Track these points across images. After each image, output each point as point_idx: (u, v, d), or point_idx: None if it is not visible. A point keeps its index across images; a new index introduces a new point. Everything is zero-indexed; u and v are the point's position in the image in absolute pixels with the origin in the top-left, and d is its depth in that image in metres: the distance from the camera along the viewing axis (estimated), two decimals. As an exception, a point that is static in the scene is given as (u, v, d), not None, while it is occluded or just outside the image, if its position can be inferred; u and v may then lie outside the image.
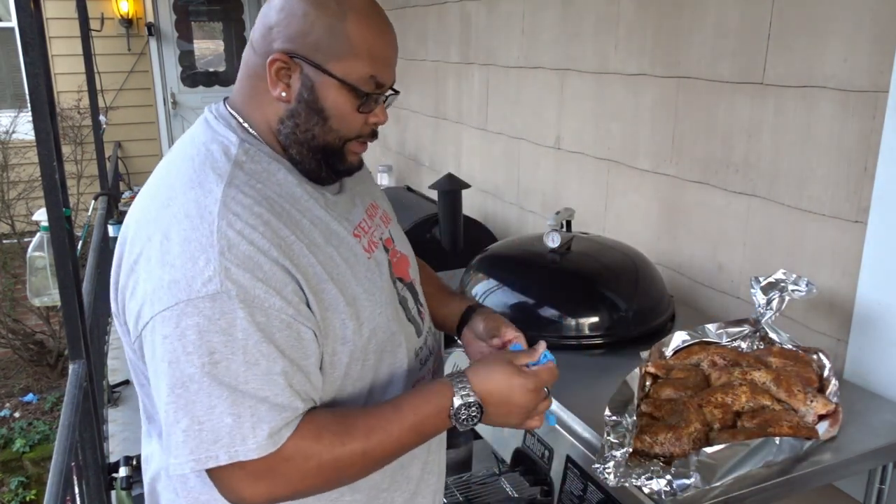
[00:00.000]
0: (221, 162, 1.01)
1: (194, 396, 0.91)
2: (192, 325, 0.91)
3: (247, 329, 0.92)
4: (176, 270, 0.92)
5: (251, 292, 0.92)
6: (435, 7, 3.64)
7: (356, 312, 1.04)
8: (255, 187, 1.00)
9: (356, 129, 1.06)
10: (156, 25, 7.21)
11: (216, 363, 0.91)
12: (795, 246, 1.79)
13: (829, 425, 1.32)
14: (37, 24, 1.89)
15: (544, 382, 1.06)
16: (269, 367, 0.93)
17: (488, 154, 3.28)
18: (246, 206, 0.96)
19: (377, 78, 1.03)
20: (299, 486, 0.98)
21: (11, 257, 6.21)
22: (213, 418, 0.91)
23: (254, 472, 0.94)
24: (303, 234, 1.01)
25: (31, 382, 5.85)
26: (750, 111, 1.87)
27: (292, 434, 0.95)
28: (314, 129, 1.04)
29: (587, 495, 1.36)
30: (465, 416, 1.02)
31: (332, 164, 1.07)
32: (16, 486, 4.76)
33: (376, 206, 1.23)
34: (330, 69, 1.01)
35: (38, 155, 1.87)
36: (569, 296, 1.80)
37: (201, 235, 0.93)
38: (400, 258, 1.21)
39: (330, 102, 1.02)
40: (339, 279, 1.02)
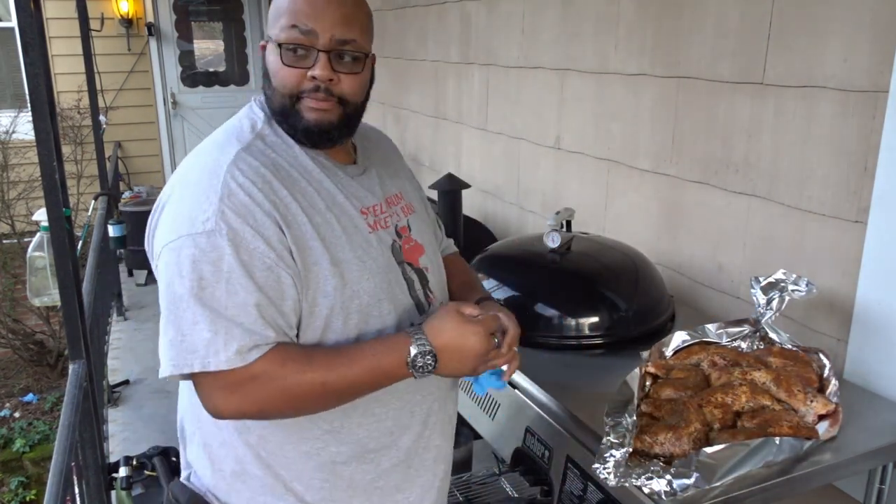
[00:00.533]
0: (246, 132, 1.19)
1: (182, 313, 1.08)
2: (188, 255, 1.07)
3: (231, 264, 1.07)
4: (185, 210, 1.10)
5: (240, 234, 1.08)
6: (435, 7, 3.64)
7: (341, 272, 1.15)
8: (268, 155, 1.16)
9: (293, 83, 1.16)
10: (156, 25, 7.20)
11: (203, 288, 1.07)
12: (795, 246, 1.79)
13: (829, 425, 1.32)
14: (37, 24, 1.89)
15: (490, 328, 1.16)
16: (246, 299, 1.08)
17: (488, 154, 3.28)
18: (252, 167, 1.13)
19: (300, 26, 1.13)
20: (264, 406, 1.11)
21: (11, 257, 6.21)
22: (195, 333, 1.07)
23: (226, 385, 1.08)
24: (304, 197, 1.15)
25: (31, 382, 5.85)
26: (750, 111, 1.87)
27: (261, 358, 1.09)
28: (268, 92, 1.19)
29: (587, 495, 1.36)
30: (420, 364, 1.13)
31: (293, 124, 1.18)
32: (16, 486, 4.76)
33: (400, 196, 1.35)
34: (269, 35, 1.17)
35: (38, 155, 1.87)
36: (569, 296, 1.80)
37: (210, 184, 1.11)
38: (413, 246, 1.31)
39: (269, 63, 1.18)
40: (330, 241, 1.15)
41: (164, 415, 3.55)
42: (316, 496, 1.22)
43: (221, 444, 1.23)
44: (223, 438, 1.22)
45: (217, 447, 1.24)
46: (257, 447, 1.20)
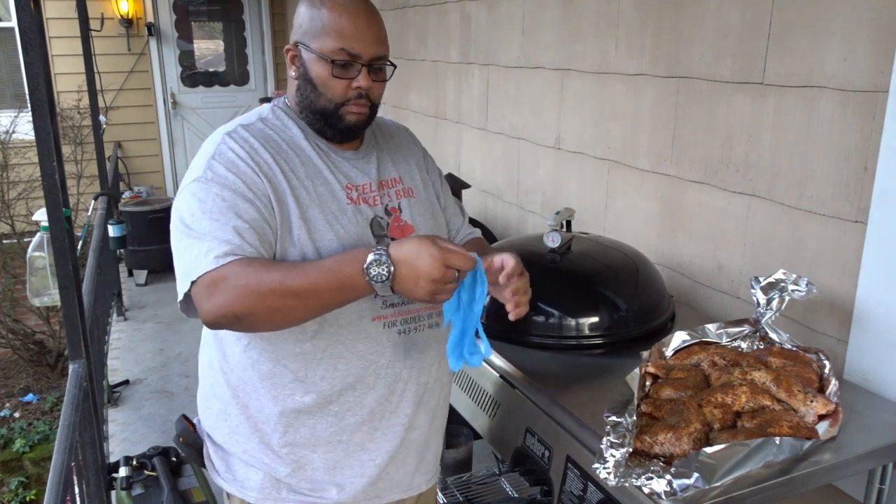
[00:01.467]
0: (253, 117, 1.39)
1: (179, 243, 1.26)
2: (187, 197, 1.27)
3: (215, 199, 1.25)
4: (189, 173, 1.31)
5: (223, 177, 1.27)
6: (435, 7, 3.64)
7: (308, 228, 1.30)
8: (263, 131, 1.35)
9: (340, 93, 1.33)
10: (156, 25, 7.20)
11: (193, 219, 1.25)
12: (795, 246, 1.79)
13: (829, 425, 1.32)
14: (37, 24, 1.89)
15: (450, 260, 1.15)
16: (225, 222, 1.24)
17: (488, 154, 3.28)
18: (244, 138, 1.32)
19: (347, 49, 1.30)
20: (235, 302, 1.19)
21: (11, 257, 6.21)
22: (190, 253, 1.23)
23: (205, 287, 1.21)
24: (287, 164, 1.32)
25: (31, 382, 5.85)
26: (750, 111, 1.87)
27: (230, 263, 1.21)
28: (310, 96, 1.35)
29: (587, 495, 1.36)
30: (375, 273, 1.15)
31: (332, 124, 1.36)
32: (16, 486, 4.76)
33: (399, 180, 1.46)
34: (312, 47, 1.33)
35: (38, 155, 1.87)
36: (569, 296, 1.80)
37: (209, 150, 1.31)
38: (402, 226, 1.42)
39: (315, 73, 1.33)
40: (303, 201, 1.30)
41: (164, 415, 3.55)
42: (280, 440, 1.35)
43: (212, 385, 1.42)
44: (213, 379, 1.41)
45: (209, 387, 1.43)
46: (237, 388, 1.37)
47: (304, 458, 1.36)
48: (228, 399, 1.39)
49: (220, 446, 1.42)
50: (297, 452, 1.36)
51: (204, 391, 1.47)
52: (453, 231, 1.61)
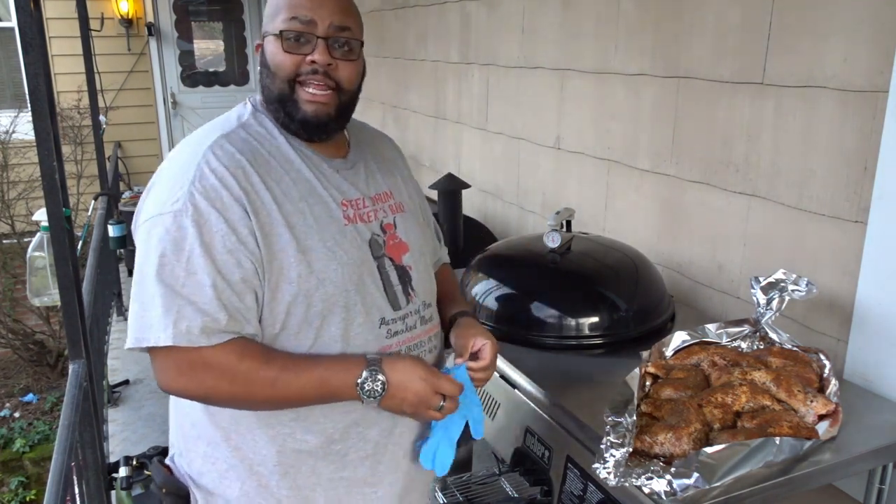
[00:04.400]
0: (231, 122, 1.24)
1: (145, 289, 1.12)
2: (157, 234, 1.12)
3: (192, 244, 1.11)
4: (160, 192, 1.15)
5: (205, 216, 1.11)
6: (435, 7, 3.64)
7: (308, 260, 1.18)
8: (247, 142, 1.20)
9: (291, 67, 1.20)
10: (156, 25, 7.20)
11: (164, 265, 1.11)
12: (795, 246, 1.79)
13: (829, 425, 1.32)
14: (37, 24, 1.89)
15: (442, 387, 1.20)
16: (203, 279, 1.11)
17: (488, 154, 3.28)
18: (228, 152, 1.17)
19: (299, 17, 1.19)
20: (210, 393, 1.15)
21: (11, 257, 6.21)
22: (152, 309, 1.11)
23: (178, 364, 1.12)
24: (278, 186, 1.18)
25: (31, 382, 5.85)
26: (750, 111, 1.87)
27: (217, 348, 1.11)
28: (266, 82, 1.23)
29: (587, 495, 1.36)
30: (368, 388, 1.16)
31: (289, 112, 1.22)
32: (16, 486, 4.76)
33: (390, 194, 1.37)
34: (267, 29, 1.22)
35: (38, 155, 1.87)
36: (569, 296, 1.80)
37: (186, 168, 1.15)
38: (398, 243, 1.33)
39: (269, 54, 1.22)
40: (299, 228, 1.18)
41: (164, 415, 3.53)
42: (280, 482, 1.24)
43: (193, 425, 1.27)
44: (196, 418, 1.26)
45: (189, 427, 1.28)
46: (228, 429, 1.23)
47: (306, 498, 1.26)
48: (218, 441, 1.24)
49: (211, 492, 1.27)
50: (298, 494, 1.26)
51: (183, 431, 1.30)
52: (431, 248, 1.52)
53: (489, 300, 1.84)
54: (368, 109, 4.70)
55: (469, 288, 1.90)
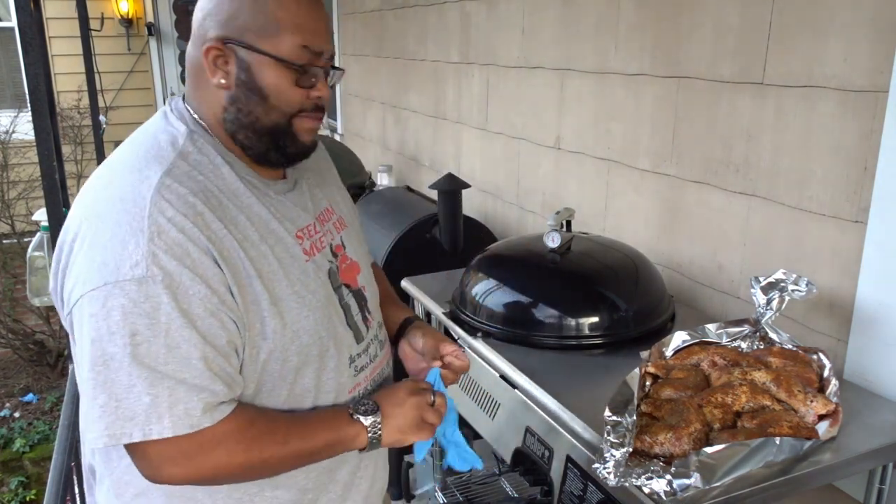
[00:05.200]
0: (166, 151, 1.04)
1: (114, 375, 0.94)
2: (118, 307, 0.93)
3: (170, 314, 0.95)
4: (107, 252, 0.95)
5: (177, 279, 0.95)
6: (435, 7, 3.64)
7: (280, 312, 1.06)
8: (195, 178, 1.02)
9: (297, 103, 1.06)
10: (156, 25, 7.20)
11: (138, 344, 0.94)
12: (795, 246, 1.79)
13: (829, 425, 1.32)
14: (37, 24, 1.89)
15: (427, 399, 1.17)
16: (189, 352, 0.96)
17: (488, 154, 3.27)
18: (180, 196, 0.99)
19: (310, 47, 1.04)
20: (216, 475, 1.04)
21: (11, 257, 6.21)
22: (131, 397, 0.94)
23: (178, 453, 0.98)
24: (237, 229, 1.03)
25: (31, 382, 5.85)
26: (750, 111, 1.87)
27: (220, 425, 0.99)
28: (256, 111, 1.05)
29: (587, 495, 1.36)
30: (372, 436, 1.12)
31: (282, 146, 1.08)
32: (16, 486, 4.76)
33: (331, 210, 1.25)
34: (261, 47, 1.02)
35: (38, 155, 1.88)
36: (569, 296, 1.80)
37: (132, 219, 0.96)
38: (350, 265, 1.23)
39: (267, 81, 1.04)
40: (268, 277, 1.05)
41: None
42: None
43: (137, 496, 1.11)
44: (141, 488, 1.09)
45: (132, 498, 1.11)
46: (182, 498, 1.10)
47: None
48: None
49: None
50: None
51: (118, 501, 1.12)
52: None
53: (489, 300, 1.84)
54: (368, 110, 4.70)
55: (469, 288, 1.90)
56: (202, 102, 1.09)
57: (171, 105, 1.13)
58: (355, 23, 4.76)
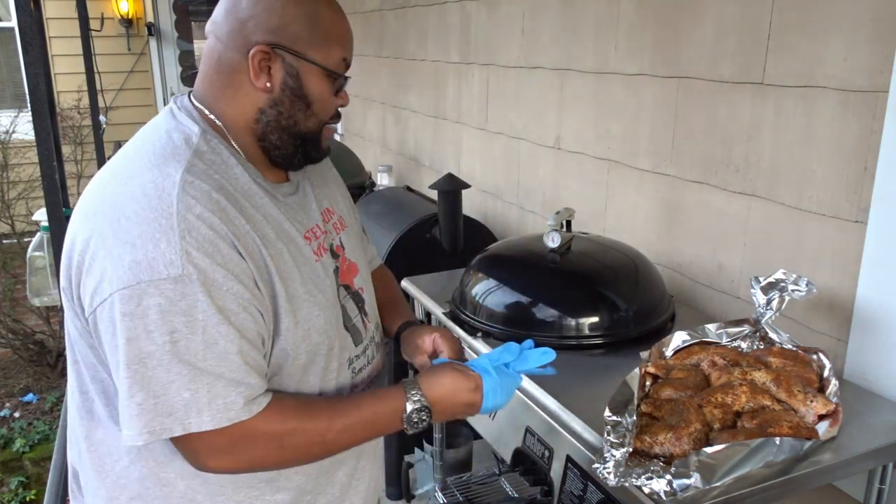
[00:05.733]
0: (182, 149, 1.05)
1: (151, 372, 0.96)
2: (154, 305, 0.94)
3: (206, 311, 0.96)
4: (137, 251, 0.95)
5: (211, 276, 0.97)
6: (435, 7, 3.64)
7: (293, 310, 1.08)
8: (212, 177, 1.04)
9: (332, 111, 1.14)
10: (156, 25, 7.21)
11: (176, 342, 0.95)
12: (795, 246, 1.79)
13: (829, 425, 1.32)
14: (37, 24, 1.89)
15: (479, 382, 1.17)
16: (227, 347, 0.98)
17: (488, 154, 3.28)
18: (204, 192, 1.00)
19: (347, 59, 1.12)
20: (259, 465, 1.07)
21: (11, 257, 6.21)
22: (170, 393, 0.96)
23: (221, 446, 1.01)
24: (256, 226, 1.05)
25: (31, 382, 5.85)
26: (750, 111, 1.87)
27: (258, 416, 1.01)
28: (297, 116, 1.09)
29: (587, 495, 1.36)
30: (416, 420, 1.12)
31: (307, 150, 1.14)
32: (16, 486, 4.76)
33: (332, 211, 1.27)
34: (312, 57, 1.07)
35: (38, 155, 1.88)
36: (569, 296, 1.80)
37: (160, 216, 0.96)
38: (349, 266, 1.25)
39: (314, 88, 1.09)
40: (285, 276, 1.07)
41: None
42: None
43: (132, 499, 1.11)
44: (136, 492, 1.10)
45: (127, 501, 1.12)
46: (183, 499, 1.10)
47: None
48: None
49: None
50: None
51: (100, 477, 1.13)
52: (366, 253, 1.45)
53: (489, 300, 1.84)
54: (368, 109, 4.70)
55: (469, 288, 1.90)
56: (230, 102, 1.10)
57: (177, 103, 1.13)
58: (355, 23, 4.76)
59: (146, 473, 1.10)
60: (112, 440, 1.11)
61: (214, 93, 1.11)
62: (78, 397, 1.16)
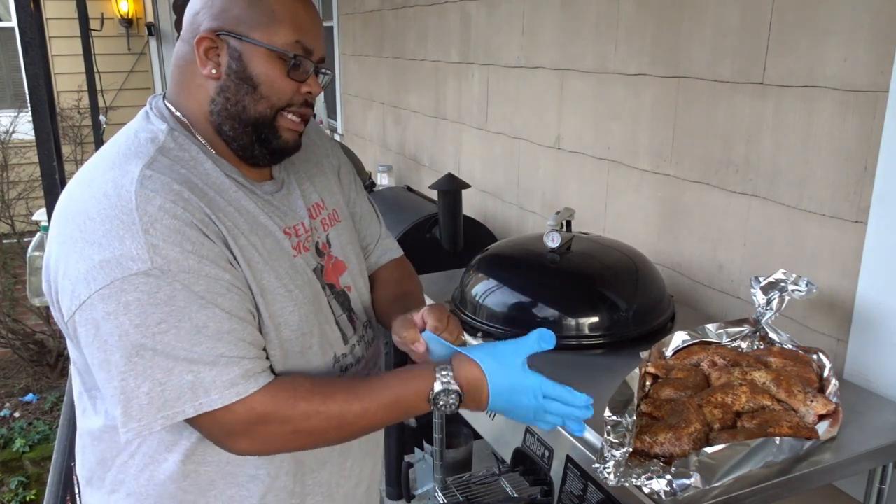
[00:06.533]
0: (145, 147, 1.04)
1: (150, 362, 0.96)
2: (134, 301, 0.94)
3: (187, 298, 0.96)
4: (104, 250, 0.95)
5: (184, 264, 0.96)
6: (435, 7, 3.64)
7: (266, 303, 1.06)
8: (178, 171, 1.03)
9: (286, 96, 1.08)
10: (156, 25, 7.21)
11: (165, 332, 0.95)
12: (795, 246, 1.79)
13: (829, 425, 1.32)
14: (37, 24, 1.89)
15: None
16: (218, 327, 0.98)
17: (488, 154, 3.28)
18: (164, 184, 0.99)
19: (303, 42, 1.07)
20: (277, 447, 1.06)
21: (11, 257, 6.21)
22: (174, 378, 0.96)
23: (232, 430, 1.00)
24: (226, 217, 1.04)
25: (31, 382, 5.84)
26: (750, 111, 1.87)
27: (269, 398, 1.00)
28: (244, 100, 1.07)
29: (587, 495, 1.36)
30: (443, 403, 1.06)
31: (264, 138, 1.09)
32: (16, 486, 4.76)
33: (322, 205, 1.24)
34: (255, 38, 1.05)
35: (38, 155, 1.88)
36: (569, 296, 1.80)
37: (121, 213, 0.96)
38: (335, 264, 1.23)
39: (258, 70, 1.05)
40: (256, 268, 1.05)
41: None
42: None
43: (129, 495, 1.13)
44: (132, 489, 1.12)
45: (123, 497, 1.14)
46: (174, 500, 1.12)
47: None
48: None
49: None
50: None
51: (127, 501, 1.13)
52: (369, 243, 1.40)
53: (489, 300, 1.84)
54: (368, 109, 4.70)
55: (469, 288, 1.90)
56: (188, 96, 1.10)
57: (151, 104, 1.14)
58: (355, 23, 4.76)
59: (142, 469, 1.11)
60: (110, 436, 1.11)
61: (176, 89, 1.12)
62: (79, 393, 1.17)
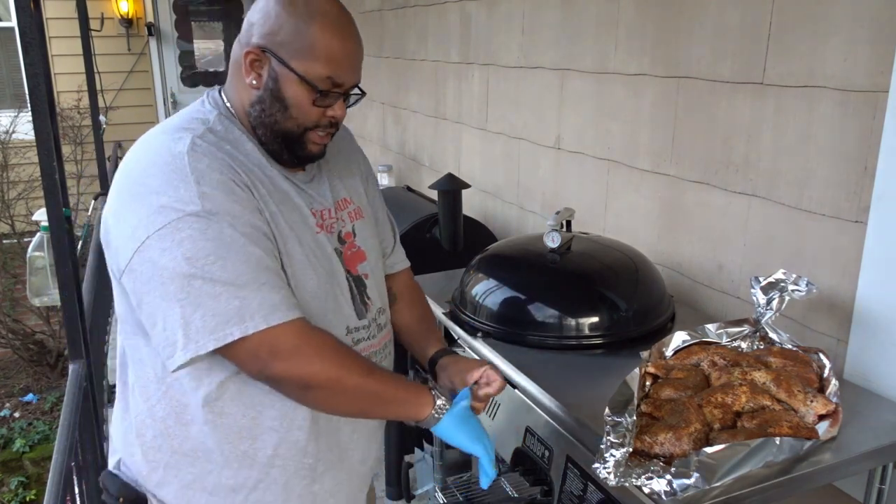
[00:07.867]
0: (196, 125, 1.19)
1: (198, 291, 1.07)
2: (187, 238, 1.08)
3: (233, 235, 1.10)
4: (161, 197, 1.09)
5: (230, 210, 1.11)
6: (435, 7, 3.64)
7: (289, 265, 1.18)
8: (222, 147, 1.17)
9: (313, 119, 1.22)
10: (156, 25, 7.21)
11: (213, 263, 1.08)
12: (795, 246, 1.79)
13: (829, 425, 1.32)
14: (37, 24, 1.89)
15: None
16: (259, 261, 1.11)
17: (488, 154, 3.28)
18: (211, 153, 1.14)
19: (334, 78, 1.19)
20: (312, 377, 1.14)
21: (11, 257, 6.21)
22: (221, 304, 1.08)
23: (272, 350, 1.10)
24: (262, 186, 1.18)
25: (31, 382, 5.85)
26: (750, 111, 1.87)
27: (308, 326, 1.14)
28: (276, 115, 1.21)
29: (587, 495, 1.36)
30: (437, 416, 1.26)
31: (292, 149, 1.24)
32: (16, 486, 4.76)
33: (349, 201, 1.37)
34: (292, 65, 1.17)
35: (38, 155, 1.88)
36: (569, 296, 1.80)
37: (176, 168, 1.11)
38: (355, 252, 1.35)
39: (290, 94, 1.19)
40: (283, 233, 1.19)
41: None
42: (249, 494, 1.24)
43: (157, 436, 1.24)
44: (159, 430, 1.23)
45: (151, 438, 1.24)
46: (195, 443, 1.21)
47: None
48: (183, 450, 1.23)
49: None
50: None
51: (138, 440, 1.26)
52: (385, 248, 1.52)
53: (489, 300, 1.84)
54: (368, 109, 4.70)
55: (469, 288, 1.90)
56: (235, 93, 1.24)
57: (207, 94, 1.28)
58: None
59: (169, 412, 1.21)
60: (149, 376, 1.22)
61: (228, 84, 1.26)
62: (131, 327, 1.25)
